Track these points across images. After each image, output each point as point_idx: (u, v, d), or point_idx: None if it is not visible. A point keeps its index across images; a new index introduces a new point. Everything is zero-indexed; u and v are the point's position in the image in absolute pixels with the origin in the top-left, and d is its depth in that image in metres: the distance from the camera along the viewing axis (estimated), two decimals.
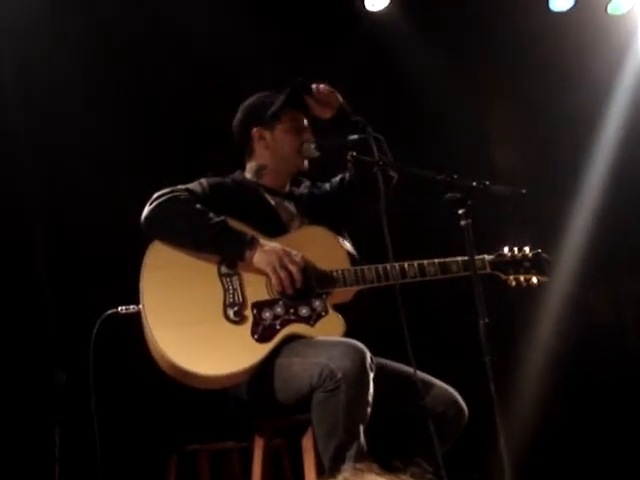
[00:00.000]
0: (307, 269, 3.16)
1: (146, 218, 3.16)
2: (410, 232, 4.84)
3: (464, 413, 3.26)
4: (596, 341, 5.59)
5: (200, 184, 3.31)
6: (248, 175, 3.50)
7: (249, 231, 3.19)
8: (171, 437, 4.50)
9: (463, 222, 2.93)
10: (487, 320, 2.83)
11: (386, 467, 2.93)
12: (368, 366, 2.91)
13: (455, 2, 5.43)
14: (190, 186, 3.28)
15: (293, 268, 3.10)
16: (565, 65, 5.47)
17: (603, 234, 5.49)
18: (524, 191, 3.00)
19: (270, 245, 3.14)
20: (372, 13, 5.43)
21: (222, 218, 3.15)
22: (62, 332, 4.49)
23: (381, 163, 3.18)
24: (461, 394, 3.30)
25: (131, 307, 3.13)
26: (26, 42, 4.68)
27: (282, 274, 3.09)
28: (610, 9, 5.50)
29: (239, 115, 3.54)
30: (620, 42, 5.55)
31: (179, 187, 3.25)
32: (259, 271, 3.13)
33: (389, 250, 3.10)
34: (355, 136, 3.27)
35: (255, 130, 3.46)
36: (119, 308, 3.17)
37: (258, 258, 3.11)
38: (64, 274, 4.63)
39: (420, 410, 3.05)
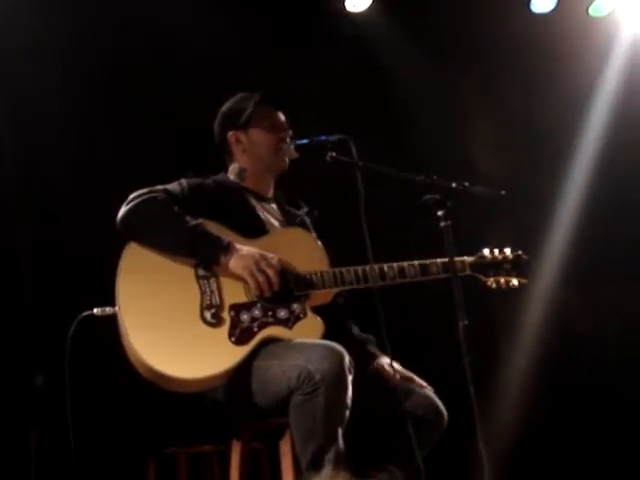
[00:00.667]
0: (285, 271, 3.14)
1: (122, 219, 3.11)
2: (390, 234, 4.82)
3: (443, 416, 3.24)
4: (577, 348, 5.59)
5: (180, 184, 3.26)
6: (231, 177, 3.47)
7: (227, 234, 3.15)
8: (149, 440, 4.47)
9: (443, 224, 2.91)
10: (466, 322, 2.81)
11: (364, 470, 2.92)
12: (347, 368, 2.88)
13: (436, 3, 5.42)
14: (169, 187, 3.23)
15: (270, 271, 3.07)
16: (546, 67, 5.47)
17: (584, 242, 5.50)
18: (503, 192, 3.00)
19: (246, 249, 3.10)
20: (353, 14, 5.43)
21: (199, 222, 3.11)
22: (39, 333, 4.46)
23: (361, 164, 3.15)
24: (440, 397, 3.29)
25: (107, 309, 3.09)
26: (10, 42, 4.64)
27: (259, 278, 3.06)
28: (591, 11, 5.51)
29: (217, 120, 3.53)
30: (601, 44, 5.56)
31: (157, 187, 3.20)
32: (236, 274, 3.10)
33: (369, 252, 3.08)
34: (335, 137, 3.24)
35: (231, 134, 3.45)
36: (95, 310, 3.12)
37: (234, 263, 3.07)
38: (42, 275, 4.60)
39: (399, 413, 3.03)
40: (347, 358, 2.90)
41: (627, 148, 5.50)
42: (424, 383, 3.32)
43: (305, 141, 3.37)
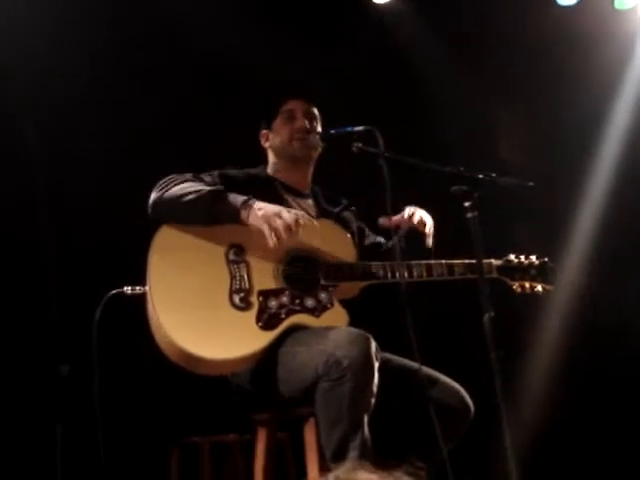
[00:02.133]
0: (315, 261, 3.17)
1: (151, 205, 3.15)
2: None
3: (469, 409, 3.24)
4: (601, 338, 5.55)
5: (211, 175, 3.31)
6: (269, 171, 3.54)
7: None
8: (173, 429, 4.48)
9: (469, 215, 2.89)
10: (493, 314, 2.79)
11: (385, 462, 2.91)
12: (374, 355, 2.89)
13: None
14: (200, 174, 3.28)
15: (288, 218, 3.04)
16: (572, 60, 5.44)
17: (609, 231, 5.47)
18: (531, 184, 2.98)
19: (265, 204, 3.10)
20: (377, 5, 5.43)
21: (220, 187, 3.14)
22: (65, 318, 4.47)
23: (387, 155, 3.15)
24: (467, 391, 3.28)
25: (137, 288, 3.12)
26: (30, 33, 4.66)
27: (276, 223, 3.03)
28: (617, 4, 5.48)
29: None
30: (627, 37, 5.54)
31: (187, 174, 3.24)
32: (267, 259, 3.13)
33: (397, 248, 3.09)
34: (360, 127, 3.24)
35: (262, 134, 3.56)
36: (125, 288, 3.15)
37: (253, 217, 3.07)
38: (68, 257, 4.61)
39: (425, 404, 3.02)
40: (374, 345, 2.91)
41: None
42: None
43: (331, 132, 3.39)
